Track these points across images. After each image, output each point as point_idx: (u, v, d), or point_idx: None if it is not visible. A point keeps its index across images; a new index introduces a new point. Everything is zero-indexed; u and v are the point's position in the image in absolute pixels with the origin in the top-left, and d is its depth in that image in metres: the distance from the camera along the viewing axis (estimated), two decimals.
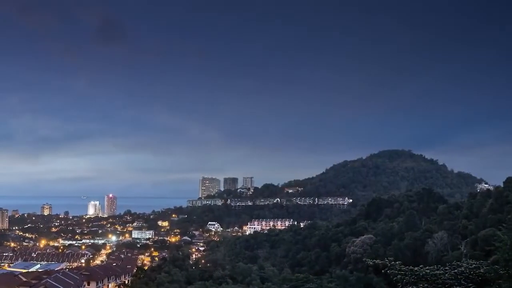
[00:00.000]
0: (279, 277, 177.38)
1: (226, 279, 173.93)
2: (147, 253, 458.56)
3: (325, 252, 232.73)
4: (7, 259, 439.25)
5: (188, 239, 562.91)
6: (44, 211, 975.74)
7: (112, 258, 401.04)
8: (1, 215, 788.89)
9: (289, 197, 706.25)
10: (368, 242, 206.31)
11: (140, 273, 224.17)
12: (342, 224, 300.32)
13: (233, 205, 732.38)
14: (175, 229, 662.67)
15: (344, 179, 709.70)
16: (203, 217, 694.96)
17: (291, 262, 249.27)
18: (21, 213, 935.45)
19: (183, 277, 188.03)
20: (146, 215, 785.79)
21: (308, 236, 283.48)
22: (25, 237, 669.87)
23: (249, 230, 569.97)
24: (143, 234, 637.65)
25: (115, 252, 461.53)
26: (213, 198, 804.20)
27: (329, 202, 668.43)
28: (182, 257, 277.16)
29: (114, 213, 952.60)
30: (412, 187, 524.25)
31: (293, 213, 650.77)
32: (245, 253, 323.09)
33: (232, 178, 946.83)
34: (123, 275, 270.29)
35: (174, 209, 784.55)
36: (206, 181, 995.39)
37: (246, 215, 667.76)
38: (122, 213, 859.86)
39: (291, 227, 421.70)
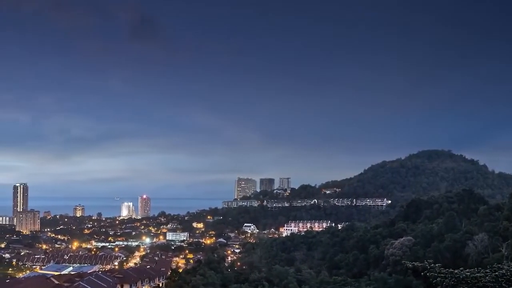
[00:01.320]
0: (317, 280, 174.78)
1: (262, 281, 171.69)
2: (182, 255, 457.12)
3: (363, 254, 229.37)
4: (39, 261, 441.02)
5: (223, 241, 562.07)
6: (77, 213, 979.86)
7: (146, 261, 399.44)
8: (33, 217, 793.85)
9: (326, 198, 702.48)
10: (407, 244, 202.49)
11: (174, 276, 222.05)
12: (381, 225, 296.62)
13: (269, 206, 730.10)
14: (210, 231, 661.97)
15: (383, 180, 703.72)
16: (238, 218, 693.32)
17: (328, 265, 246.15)
18: (53, 215, 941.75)
19: (219, 279, 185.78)
20: (181, 217, 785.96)
21: (346, 238, 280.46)
22: (57, 239, 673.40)
23: (286, 232, 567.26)
24: (177, 236, 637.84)
25: (149, 254, 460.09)
26: (249, 199, 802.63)
27: (367, 203, 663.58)
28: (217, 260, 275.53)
29: (148, 214, 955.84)
30: (452, 188, 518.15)
31: (330, 215, 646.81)
32: (282, 256, 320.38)
33: (269, 179, 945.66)
34: (157, 277, 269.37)
35: (209, 211, 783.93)
36: (242, 182, 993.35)
37: (283, 217, 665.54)
38: (156, 215, 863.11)
39: (328, 229, 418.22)
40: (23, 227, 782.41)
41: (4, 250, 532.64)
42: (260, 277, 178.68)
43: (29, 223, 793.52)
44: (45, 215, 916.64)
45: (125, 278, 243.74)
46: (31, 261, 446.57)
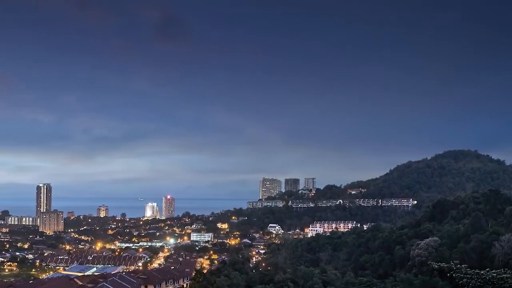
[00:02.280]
0: (342, 281, 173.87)
1: (287, 282, 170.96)
2: (206, 256, 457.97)
3: (388, 255, 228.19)
4: (63, 262, 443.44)
5: (248, 241, 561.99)
6: (101, 213, 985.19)
7: (170, 261, 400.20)
8: (56, 217, 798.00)
9: (352, 199, 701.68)
10: (433, 245, 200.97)
11: (198, 277, 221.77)
12: (406, 226, 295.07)
13: (294, 206, 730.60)
14: (234, 232, 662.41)
15: (409, 180, 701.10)
16: (263, 219, 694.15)
17: (354, 265, 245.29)
18: (77, 215, 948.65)
19: (243, 280, 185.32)
20: (205, 217, 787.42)
21: (372, 239, 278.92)
22: (81, 240, 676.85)
23: (311, 233, 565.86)
24: (202, 236, 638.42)
25: (173, 255, 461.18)
26: (273, 199, 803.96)
27: (393, 204, 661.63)
28: (242, 260, 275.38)
29: (172, 215, 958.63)
30: (478, 188, 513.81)
31: (356, 215, 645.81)
32: (307, 256, 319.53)
33: (294, 179, 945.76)
34: (181, 278, 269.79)
35: (233, 211, 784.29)
36: (267, 182, 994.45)
37: (308, 217, 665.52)
38: (180, 215, 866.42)
39: (354, 230, 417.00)
40: (46, 227, 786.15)
41: (27, 251, 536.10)
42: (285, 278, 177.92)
43: (52, 223, 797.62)
44: (68, 215, 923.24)
45: (149, 279, 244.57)
46: (54, 262, 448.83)
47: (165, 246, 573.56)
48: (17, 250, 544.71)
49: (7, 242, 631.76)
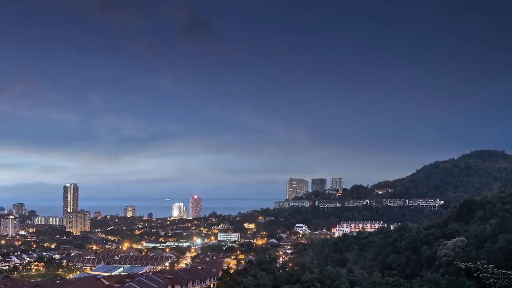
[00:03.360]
0: (369, 280, 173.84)
1: (314, 282, 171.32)
2: (233, 256, 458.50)
3: (415, 255, 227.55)
4: (89, 262, 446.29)
5: (275, 241, 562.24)
6: (127, 213, 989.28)
7: (197, 261, 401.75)
8: (83, 217, 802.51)
9: (378, 199, 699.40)
10: (460, 245, 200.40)
11: (225, 277, 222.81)
12: (433, 226, 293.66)
13: (321, 206, 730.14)
14: (261, 232, 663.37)
15: (435, 180, 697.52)
16: (290, 219, 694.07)
17: (380, 265, 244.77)
18: (104, 215, 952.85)
19: (270, 280, 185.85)
20: (232, 217, 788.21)
21: (398, 239, 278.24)
22: (108, 240, 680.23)
23: (338, 233, 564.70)
24: (228, 236, 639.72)
25: (200, 255, 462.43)
26: (300, 199, 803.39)
27: (420, 204, 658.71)
28: (269, 260, 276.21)
29: (199, 215, 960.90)
30: (505, 188, 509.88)
31: (382, 215, 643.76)
32: (334, 256, 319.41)
33: (320, 179, 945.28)
34: (208, 278, 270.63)
35: (260, 211, 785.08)
36: (294, 182, 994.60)
37: (335, 217, 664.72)
38: (207, 215, 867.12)
39: (380, 230, 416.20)
40: (73, 227, 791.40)
41: (54, 251, 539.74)
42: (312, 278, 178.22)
43: (79, 223, 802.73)
44: (95, 215, 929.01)
45: (176, 279, 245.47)
46: (81, 262, 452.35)
47: (192, 246, 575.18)
48: (44, 250, 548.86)
49: (34, 242, 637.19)
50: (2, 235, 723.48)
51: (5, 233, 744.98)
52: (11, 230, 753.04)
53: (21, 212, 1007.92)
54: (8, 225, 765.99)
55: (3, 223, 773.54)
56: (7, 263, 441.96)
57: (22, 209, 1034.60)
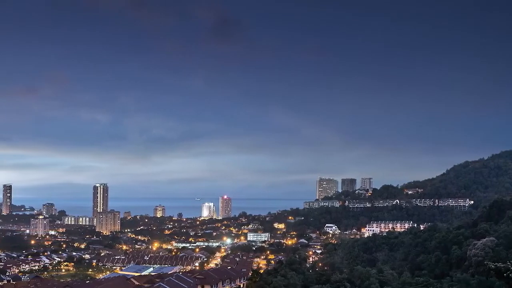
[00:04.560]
0: (399, 281, 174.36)
1: (344, 282, 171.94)
2: (263, 256, 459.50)
3: (445, 255, 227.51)
4: (119, 262, 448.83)
5: (304, 241, 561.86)
6: (157, 213, 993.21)
7: (227, 261, 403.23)
8: (113, 217, 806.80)
9: (408, 199, 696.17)
10: (490, 245, 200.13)
11: (255, 277, 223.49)
12: (463, 226, 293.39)
13: (351, 206, 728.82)
14: (291, 232, 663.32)
15: (465, 180, 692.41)
16: (320, 219, 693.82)
17: (410, 266, 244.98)
18: (133, 215, 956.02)
19: (300, 280, 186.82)
20: (262, 217, 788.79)
21: (428, 239, 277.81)
22: (138, 240, 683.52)
23: (368, 233, 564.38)
24: (258, 236, 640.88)
25: (230, 255, 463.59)
26: (330, 199, 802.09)
27: (450, 204, 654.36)
28: (298, 260, 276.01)
29: (229, 215, 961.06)
30: None
31: (412, 215, 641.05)
32: (363, 256, 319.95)
33: (350, 179, 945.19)
34: (238, 278, 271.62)
35: (290, 211, 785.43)
36: (324, 182, 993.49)
37: (365, 217, 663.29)
38: (237, 215, 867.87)
39: (410, 230, 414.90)
40: (103, 227, 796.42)
41: (84, 251, 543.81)
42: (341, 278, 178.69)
43: (109, 223, 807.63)
44: (125, 215, 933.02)
45: (206, 279, 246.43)
46: (111, 262, 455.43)
47: (222, 246, 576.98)
48: (74, 250, 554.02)
49: (64, 242, 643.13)
50: (32, 235, 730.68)
51: (35, 233, 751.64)
52: (41, 230, 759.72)
53: (51, 212, 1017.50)
54: (38, 225, 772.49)
55: (33, 223, 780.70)
56: (37, 263, 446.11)
57: (52, 209, 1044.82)
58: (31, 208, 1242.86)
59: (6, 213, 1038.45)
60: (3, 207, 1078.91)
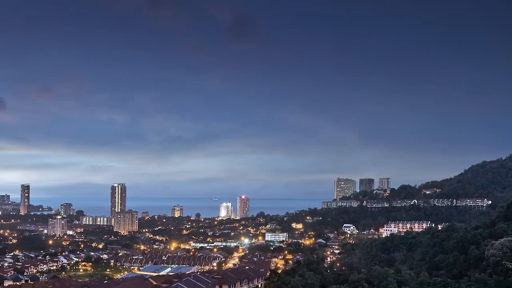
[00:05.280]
0: (416, 280, 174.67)
1: (362, 282, 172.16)
2: (281, 256, 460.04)
3: (463, 255, 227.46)
4: (137, 262, 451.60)
5: (322, 241, 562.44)
6: (175, 213, 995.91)
7: (245, 261, 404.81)
8: (131, 217, 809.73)
9: (426, 199, 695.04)
10: (508, 245, 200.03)
11: (273, 277, 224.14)
12: (481, 226, 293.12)
13: (369, 206, 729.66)
14: (309, 232, 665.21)
15: (483, 180, 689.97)
16: (338, 219, 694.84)
17: (428, 266, 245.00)
18: (151, 215, 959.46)
19: (318, 280, 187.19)
20: (280, 217, 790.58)
21: (446, 239, 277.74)
22: (155, 240, 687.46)
23: (385, 233, 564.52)
24: (276, 236, 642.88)
25: (248, 255, 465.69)
26: (348, 199, 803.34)
27: (468, 204, 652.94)
28: (316, 260, 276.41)
29: (246, 215, 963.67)
30: None
31: (430, 215, 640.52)
32: (381, 256, 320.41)
33: (368, 179, 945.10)
34: (256, 278, 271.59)
35: (308, 211, 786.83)
36: (341, 182, 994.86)
37: (382, 217, 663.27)
38: (255, 215, 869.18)
39: (428, 230, 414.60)
40: (121, 227, 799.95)
41: (102, 251, 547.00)
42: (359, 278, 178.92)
43: (127, 223, 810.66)
44: (143, 215, 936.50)
45: (224, 279, 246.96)
46: (129, 262, 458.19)
47: (240, 246, 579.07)
48: (92, 250, 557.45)
49: (82, 242, 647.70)
50: (50, 235, 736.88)
51: (53, 233, 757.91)
52: (58, 230, 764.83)
53: (69, 212, 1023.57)
54: (56, 225, 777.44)
55: (51, 223, 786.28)
56: (55, 263, 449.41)
57: (69, 209, 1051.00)
58: (49, 208, 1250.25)
59: (24, 213, 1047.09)
60: (21, 207, 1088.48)
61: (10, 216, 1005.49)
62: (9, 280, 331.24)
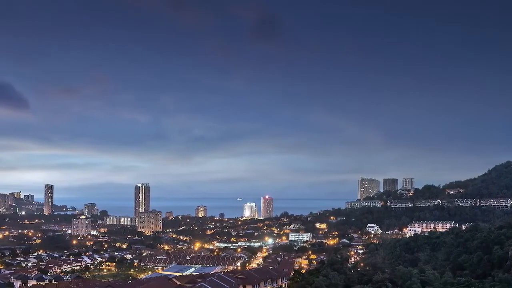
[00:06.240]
0: (440, 280, 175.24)
1: (386, 282, 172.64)
2: (305, 256, 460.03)
3: (487, 255, 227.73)
4: (161, 262, 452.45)
5: (346, 241, 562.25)
6: (199, 213, 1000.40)
7: (269, 261, 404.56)
8: (155, 217, 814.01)
9: (450, 199, 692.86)
10: None
11: (297, 277, 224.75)
12: (505, 226, 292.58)
13: (392, 206, 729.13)
14: (333, 232, 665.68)
15: (507, 180, 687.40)
16: (362, 219, 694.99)
17: (452, 266, 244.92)
18: (175, 215, 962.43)
19: (342, 280, 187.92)
20: (303, 217, 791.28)
21: (470, 239, 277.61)
22: (179, 240, 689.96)
23: (409, 233, 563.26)
24: (300, 236, 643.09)
25: (272, 255, 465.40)
26: (372, 199, 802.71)
27: (492, 204, 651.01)
28: (340, 260, 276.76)
29: (270, 215, 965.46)
30: None
31: (454, 215, 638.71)
32: (405, 256, 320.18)
33: (392, 179, 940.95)
34: (280, 278, 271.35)
35: (332, 211, 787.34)
36: (365, 182, 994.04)
37: (406, 217, 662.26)
38: (278, 215, 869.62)
39: (452, 230, 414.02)
40: (144, 227, 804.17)
41: (126, 251, 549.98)
42: (383, 278, 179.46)
43: (150, 223, 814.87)
44: (166, 215, 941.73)
45: (248, 279, 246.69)
46: (153, 262, 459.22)
47: (264, 246, 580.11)
48: (116, 250, 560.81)
49: (106, 242, 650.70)
50: (73, 235, 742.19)
51: (76, 233, 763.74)
52: (82, 230, 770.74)
53: (93, 212, 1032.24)
54: (80, 225, 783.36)
55: (75, 223, 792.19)
56: (79, 263, 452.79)
57: (93, 209, 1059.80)
58: (72, 208, 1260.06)
59: (48, 213, 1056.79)
60: (45, 207, 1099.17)
61: (34, 216, 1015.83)
62: (33, 280, 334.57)
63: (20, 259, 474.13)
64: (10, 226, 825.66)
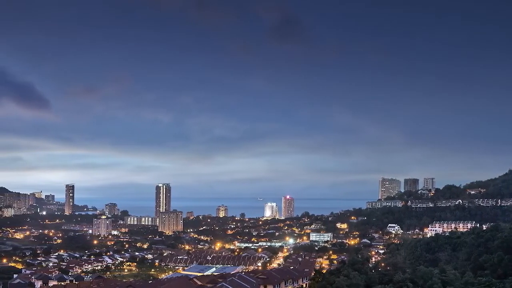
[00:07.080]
0: (461, 280, 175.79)
1: (407, 282, 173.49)
2: (325, 256, 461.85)
3: (508, 255, 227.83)
4: (182, 262, 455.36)
5: (367, 241, 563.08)
6: (220, 213, 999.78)
7: (289, 261, 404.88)
8: (176, 217, 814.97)
9: (471, 199, 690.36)
10: None
11: (318, 277, 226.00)
12: None
13: (413, 206, 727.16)
14: (354, 232, 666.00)
15: None
16: (382, 219, 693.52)
17: (473, 266, 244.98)
18: (196, 215, 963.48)
19: (362, 280, 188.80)
20: (324, 217, 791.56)
21: (491, 239, 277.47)
22: (200, 240, 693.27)
23: (430, 233, 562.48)
24: (321, 236, 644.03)
25: (293, 255, 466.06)
26: (393, 199, 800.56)
27: None
28: (361, 260, 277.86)
29: (291, 215, 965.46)
30: None
31: (475, 215, 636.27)
32: (426, 256, 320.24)
33: (413, 179, 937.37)
34: (301, 278, 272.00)
35: (353, 211, 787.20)
36: (386, 182, 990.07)
37: (427, 217, 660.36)
38: (299, 215, 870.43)
39: (473, 230, 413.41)
40: (165, 227, 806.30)
41: (147, 251, 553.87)
42: (404, 278, 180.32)
43: (171, 223, 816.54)
44: (187, 215, 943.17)
45: (269, 279, 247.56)
46: (173, 261, 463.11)
47: (284, 246, 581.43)
48: (137, 250, 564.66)
49: (127, 242, 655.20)
50: (94, 235, 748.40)
51: (97, 233, 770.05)
52: (103, 230, 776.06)
53: (114, 212, 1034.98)
54: (101, 225, 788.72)
55: (96, 223, 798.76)
56: (100, 263, 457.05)
57: (114, 209, 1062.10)
58: (93, 208, 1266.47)
59: (69, 213, 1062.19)
60: (65, 207, 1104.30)
61: (55, 216, 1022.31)
62: (54, 280, 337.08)
63: (41, 259, 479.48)
64: (31, 226, 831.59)
